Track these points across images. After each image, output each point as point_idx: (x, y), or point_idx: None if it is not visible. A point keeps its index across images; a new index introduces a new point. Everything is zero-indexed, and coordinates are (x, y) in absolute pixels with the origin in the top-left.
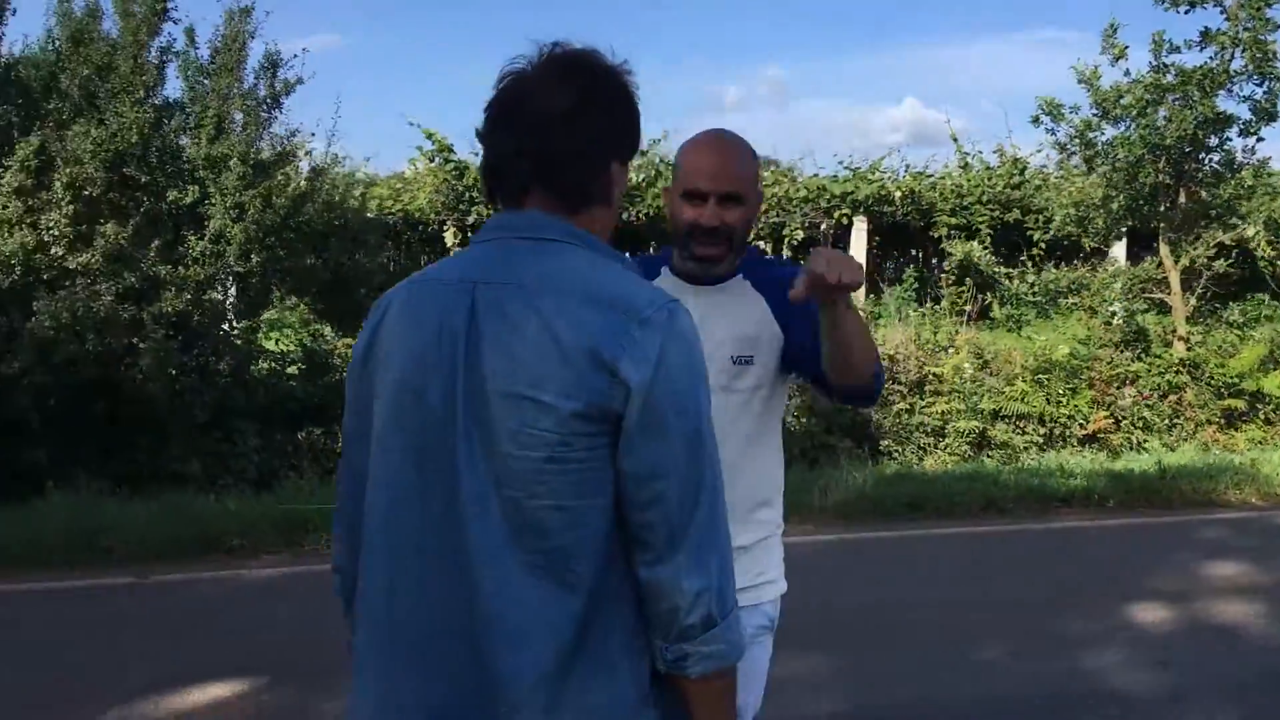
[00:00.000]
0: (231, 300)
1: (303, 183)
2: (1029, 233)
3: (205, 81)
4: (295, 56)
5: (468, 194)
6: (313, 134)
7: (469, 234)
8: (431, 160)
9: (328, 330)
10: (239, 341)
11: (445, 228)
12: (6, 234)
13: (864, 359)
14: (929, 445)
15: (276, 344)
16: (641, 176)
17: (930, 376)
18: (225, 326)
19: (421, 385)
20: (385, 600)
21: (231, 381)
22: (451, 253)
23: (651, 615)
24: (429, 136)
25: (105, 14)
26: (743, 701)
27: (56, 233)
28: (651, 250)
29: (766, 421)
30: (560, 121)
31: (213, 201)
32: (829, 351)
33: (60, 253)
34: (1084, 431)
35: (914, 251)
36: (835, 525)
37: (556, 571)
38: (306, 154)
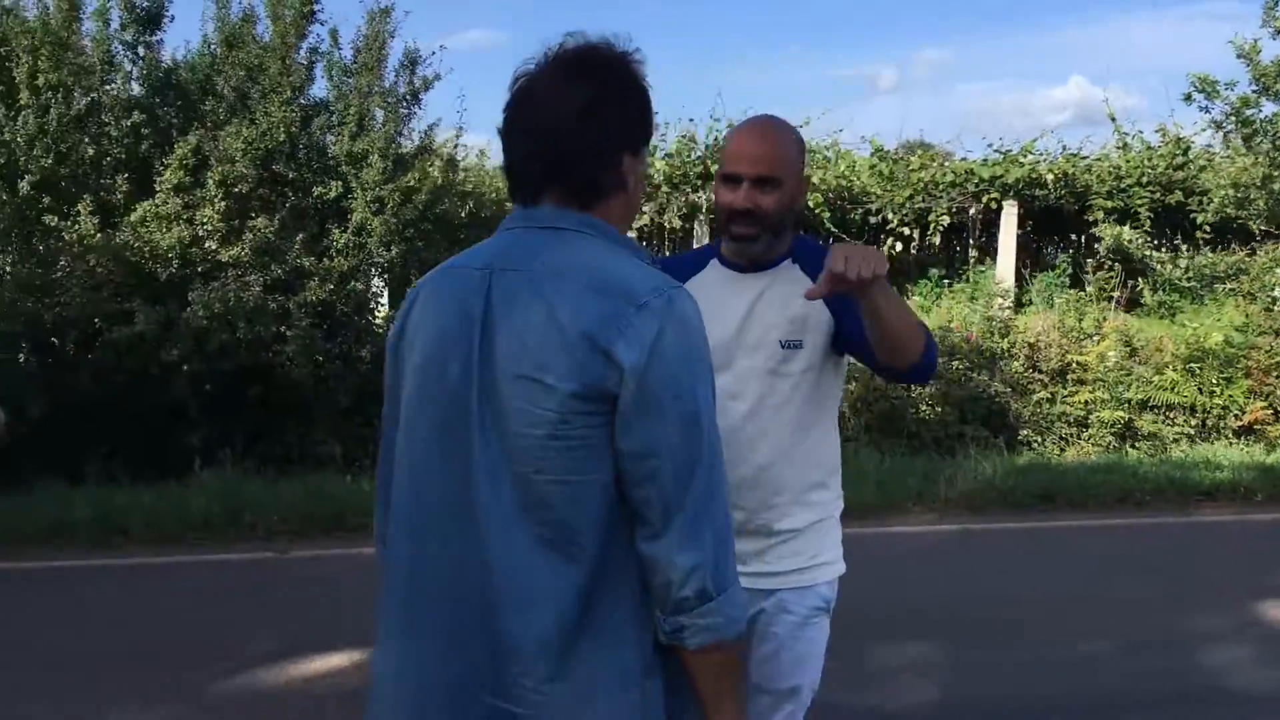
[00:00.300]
0: (375, 290)
1: (438, 176)
2: (1192, 215)
3: (348, 80)
4: (433, 53)
5: None
6: (461, 129)
7: None
8: None
9: None
10: (380, 330)
11: None
12: (165, 229)
13: (910, 341)
14: (1070, 436)
15: None
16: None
17: (1074, 365)
18: (368, 315)
19: (443, 366)
20: (408, 571)
21: (373, 368)
22: None
23: (651, 588)
24: None
25: (259, 18)
26: (798, 681)
27: (210, 227)
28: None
29: (818, 403)
30: (570, 123)
31: (354, 196)
32: (873, 339)
33: (213, 246)
34: (1239, 423)
35: (1073, 236)
36: (961, 515)
37: (562, 544)
38: (454, 147)
